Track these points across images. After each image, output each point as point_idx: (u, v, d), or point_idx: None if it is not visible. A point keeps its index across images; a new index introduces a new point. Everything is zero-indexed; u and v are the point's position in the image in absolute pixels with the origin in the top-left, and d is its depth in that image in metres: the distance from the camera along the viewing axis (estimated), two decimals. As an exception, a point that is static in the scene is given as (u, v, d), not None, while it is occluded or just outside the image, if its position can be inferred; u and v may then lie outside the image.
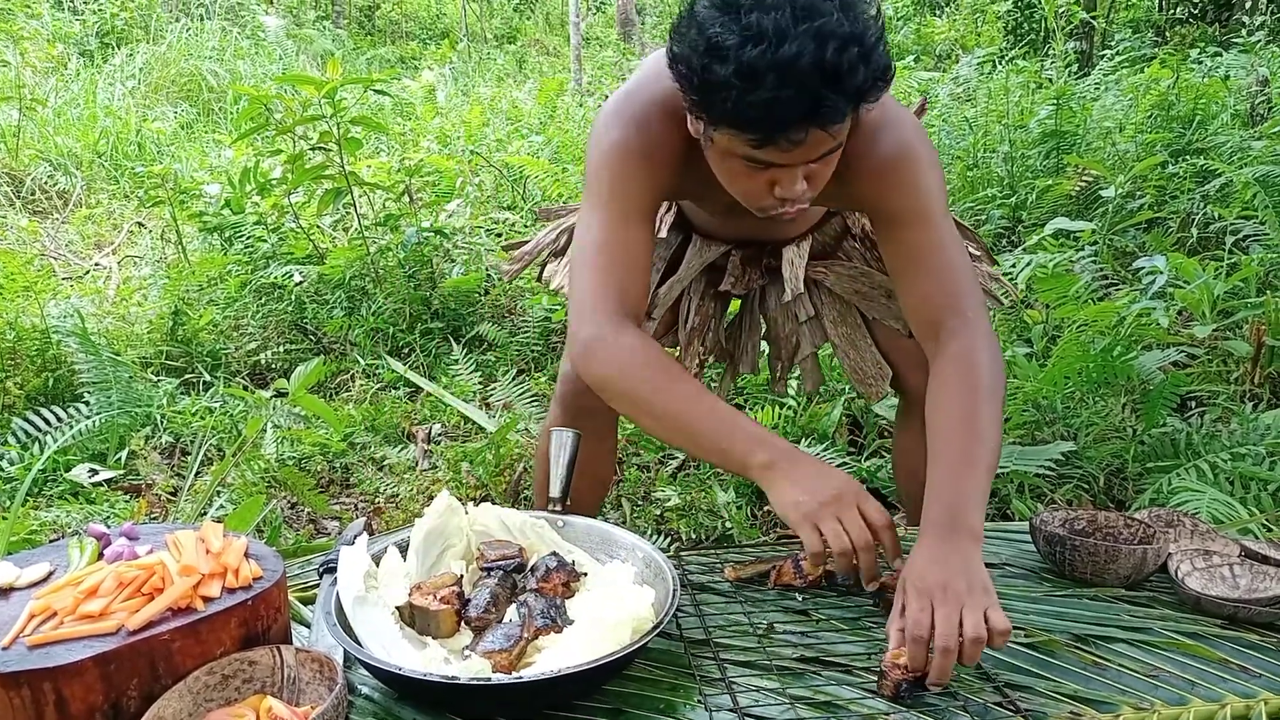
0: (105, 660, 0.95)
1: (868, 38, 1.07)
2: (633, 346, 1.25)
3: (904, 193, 1.32)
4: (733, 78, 1.06)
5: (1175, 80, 4.55)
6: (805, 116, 1.07)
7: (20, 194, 5.32)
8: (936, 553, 1.12)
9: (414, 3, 17.40)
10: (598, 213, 1.33)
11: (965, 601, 1.07)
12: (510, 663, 1.06)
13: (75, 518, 2.14)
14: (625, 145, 1.32)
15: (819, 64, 1.04)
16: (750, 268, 1.68)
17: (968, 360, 1.26)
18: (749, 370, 1.81)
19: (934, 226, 1.33)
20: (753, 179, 1.20)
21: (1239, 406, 2.36)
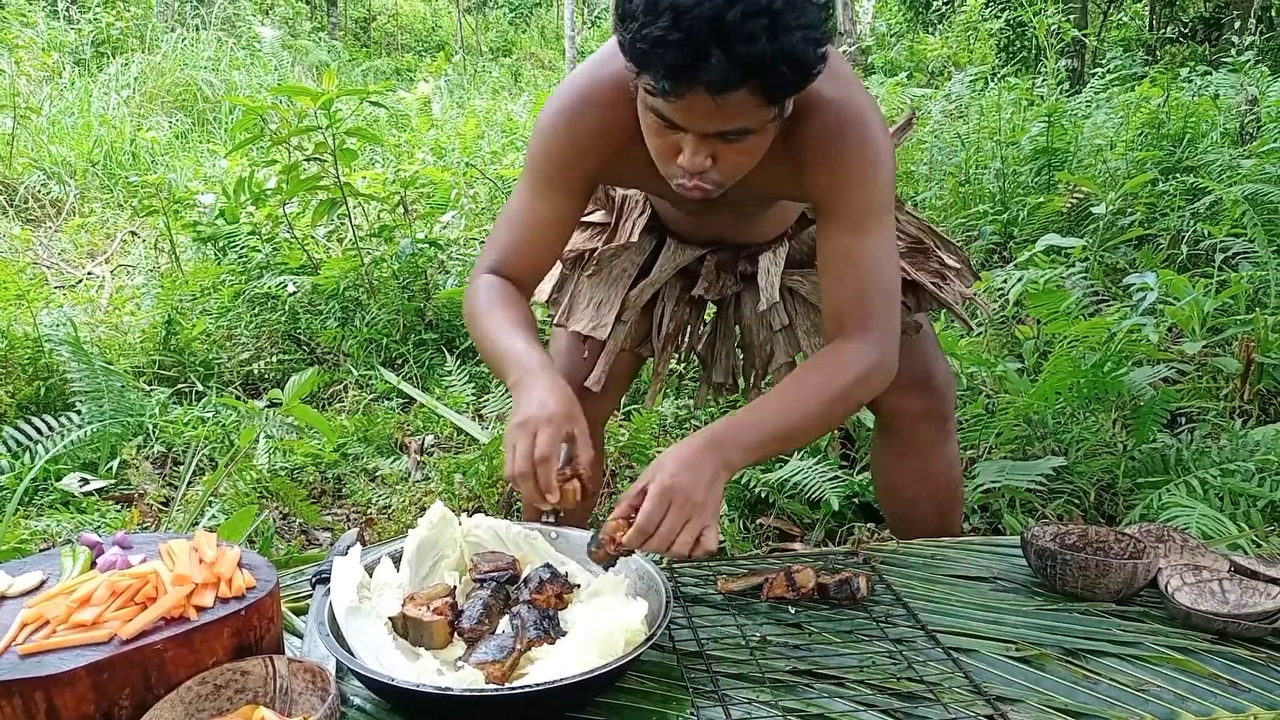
0: (98, 669, 0.95)
1: (787, 18, 1.05)
2: (481, 288, 1.38)
3: (852, 193, 1.31)
4: (639, 9, 1.07)
5: (1165, 99, 4.60)
6: (688, 67, 1.06)
7: (13, 202, 5.31)
8: (694, 459, 1.18)
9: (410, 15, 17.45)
10: (524, 177, 1.42)
11: (693, 515, 1.15)
12: (503, 674, 1.06)
13: (66, 527, 2.14)
14: (558, 121, 1.36)
15: (715, 18, 1.03)
16: (724, 273, 1.67)
17: (846, 365, 1.30)
18: (723, 379, 1.80)
19: (871, 236, 1.32)
20: (661, 137, 1.20)
21: (1228, 423, 2.38)
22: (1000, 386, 2.60)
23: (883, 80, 7.13)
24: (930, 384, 1.66)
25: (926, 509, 1.74)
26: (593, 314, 1.65)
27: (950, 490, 1.74)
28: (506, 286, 1.38)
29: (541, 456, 1.18)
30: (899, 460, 1.73)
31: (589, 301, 1.66)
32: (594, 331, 1.64)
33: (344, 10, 15.89)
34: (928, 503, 1.73)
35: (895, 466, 1.75)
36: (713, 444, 1.21)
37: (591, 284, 1.67)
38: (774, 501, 2.28)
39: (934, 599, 1.34)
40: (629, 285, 1.66)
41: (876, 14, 14.81)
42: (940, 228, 4.08)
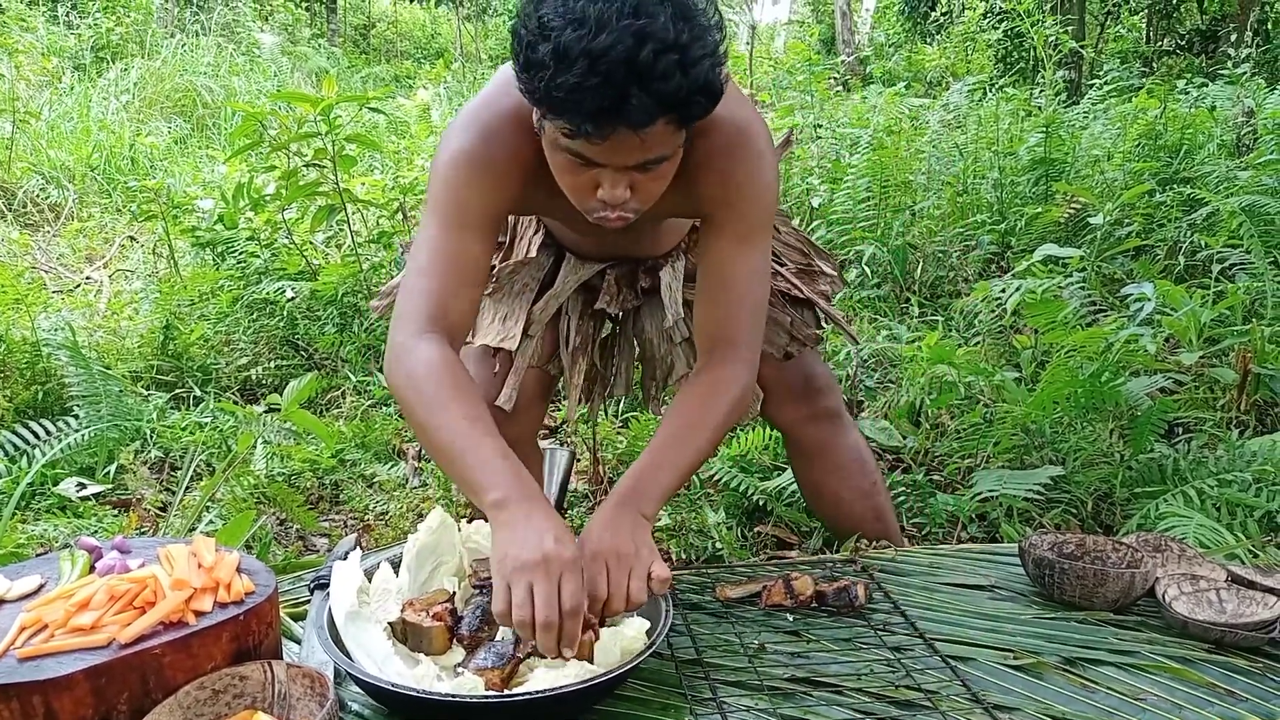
0: (96, 674, 0.95)
1: (693, 49, 1.07)
2: (428, 359, 1.24)
3: (739, 208, 1.35)
4: (548, 57, 1.07)
5: (1163, 110, 4.61)
6: (608, 110, 1.07)
7: (12, 207, 5.31)
8: (611, 521, 1.21)
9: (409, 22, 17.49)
10: (433, 220, 1.33)
11: (632, 565, 1.16)
12: (502, 680, 1.06)
13: (63, 532, 2.13)
14: (466, 154, 1.32)
15: (630, 60, 1.04)
16: (625, 287, 1.69)
17: (722, 386, 1.34)
18: (622, 392, 1.81)
19: (750, 249, 1.36)
20: (577, 175, 1.21)
21: (1225, 433, 2.38)
22: (998, 396, 2.60)
23: (881, 90, 7.15)
24: (812, 388, 1.74)
25: (853, 500, 1.79)
26: (499, 327, 1.64)
27: (868, 475, 1.79)
28: (454, 361, 1.26)
29: (572, 609, 1.07)
30: (809, 464, 1.82)
31: (494, 316, 1.66)
32: (504, 343, 1.63)
33: (343, 17, 15.92)
34: (852, 494, 1.79)
35: (808, 471, 1.83)
36: (622, 503, 1.23)
37: (494, 300, 1.67)
38: (771, 509, 2.28)
39: (932, 607, 1.35)
40: (532, 299, 1.67)
41: (875, 24, 14.87)
42: (937, 237, 4.08)
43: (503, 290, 1.67)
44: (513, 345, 1.63)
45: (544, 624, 1.05)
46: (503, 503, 1.13)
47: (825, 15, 15.44)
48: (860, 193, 4.21)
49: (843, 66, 10.53)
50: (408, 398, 1.24)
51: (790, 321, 1.69)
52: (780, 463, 2.48)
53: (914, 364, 2.78)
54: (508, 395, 1.65)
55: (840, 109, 6.49)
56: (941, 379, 2.66)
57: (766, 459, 2.50)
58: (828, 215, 4.24)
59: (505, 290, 1.67)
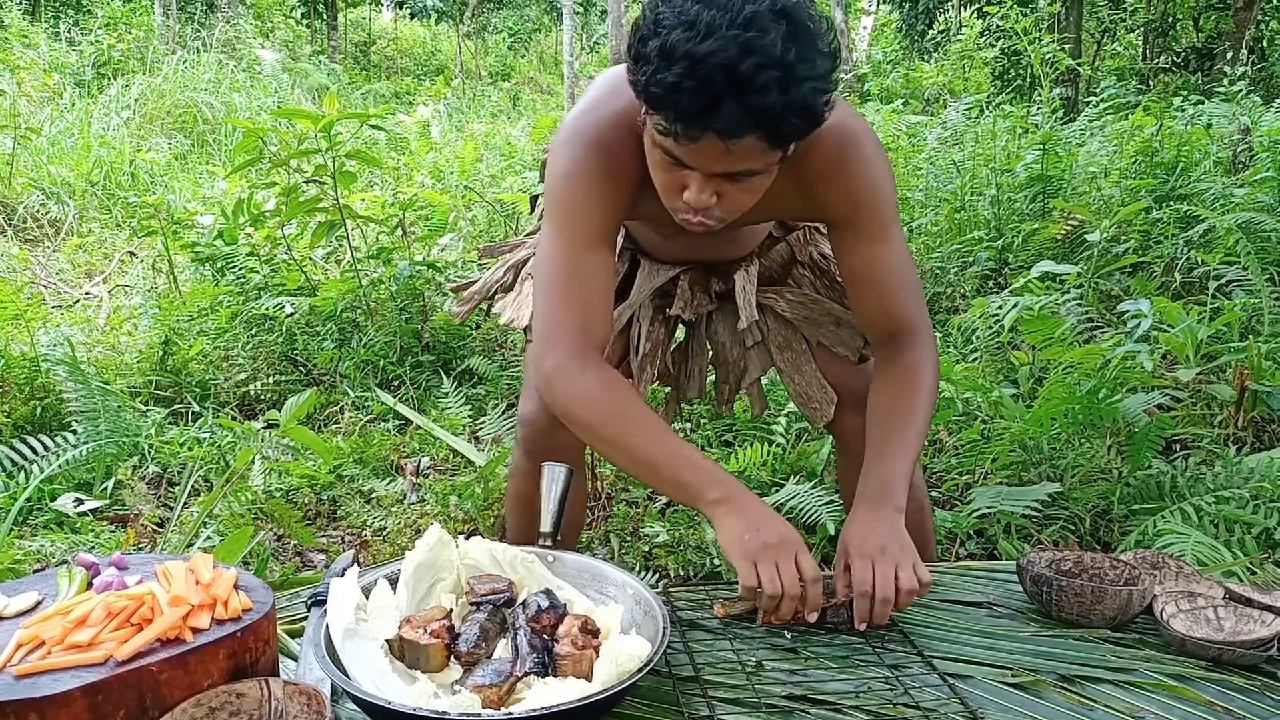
0: (93, 691, 0.94)
1: (798, 70, 1.08)
2: (598, 378, 1.31)
3: (869, 209, 1.39)
4: (655, 53, 1.09)
5: (1159, 127, 4.64)
6: (701, 113, 1.09)
7: (12, 222, 5.33)
8: (870, 520, 1.30)
9: (409, 39, 17.59)
10: (559, 239, 1.35)
11: (899, 560, 1.26)
12: (499, 698, 1.06)
13: (60, 548, 2.13)
14: (583, 167, 1.33)
15: (730, 68, 1.06)
16: (698, 292, 1.70)
17: (915, 370, 1.41)
18: (696, 395, 1.81)
19: (888, 242, 1.42)
20: (668, 173, 1.23)
21: (1223, 450, 2.38)
22: (995, 412, 2.60)
23: (878, 107, 7.19)
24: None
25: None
26: None
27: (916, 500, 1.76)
28: (624, 382, 1.34)
29: (814, 577, 1.23)
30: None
31: None
32: None
33: (344, 34, 16.00)
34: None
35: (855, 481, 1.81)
36: (876, 502, 1.32)
37: None
38: (770, 526, 2.28)
39: (930, 624, 1.35)
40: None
41: (872, 41, 14.95)
42: (934, 254, 4.09)
43: None
44: None
45: (793, 594, 1.21)
46: (725, 498, 1.25)
47: (823, 33, 15.49)
48: (858, 209, 4.21)
49: (840, 83, 10.59)
50: (589, 418, 1.31)
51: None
52: (779, 479, 2.48)
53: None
54: None
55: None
56: (939, 395, 2.66)
57: (765, 475, 2.50)
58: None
59: None
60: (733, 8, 1.08)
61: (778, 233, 1.71)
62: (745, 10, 1.08)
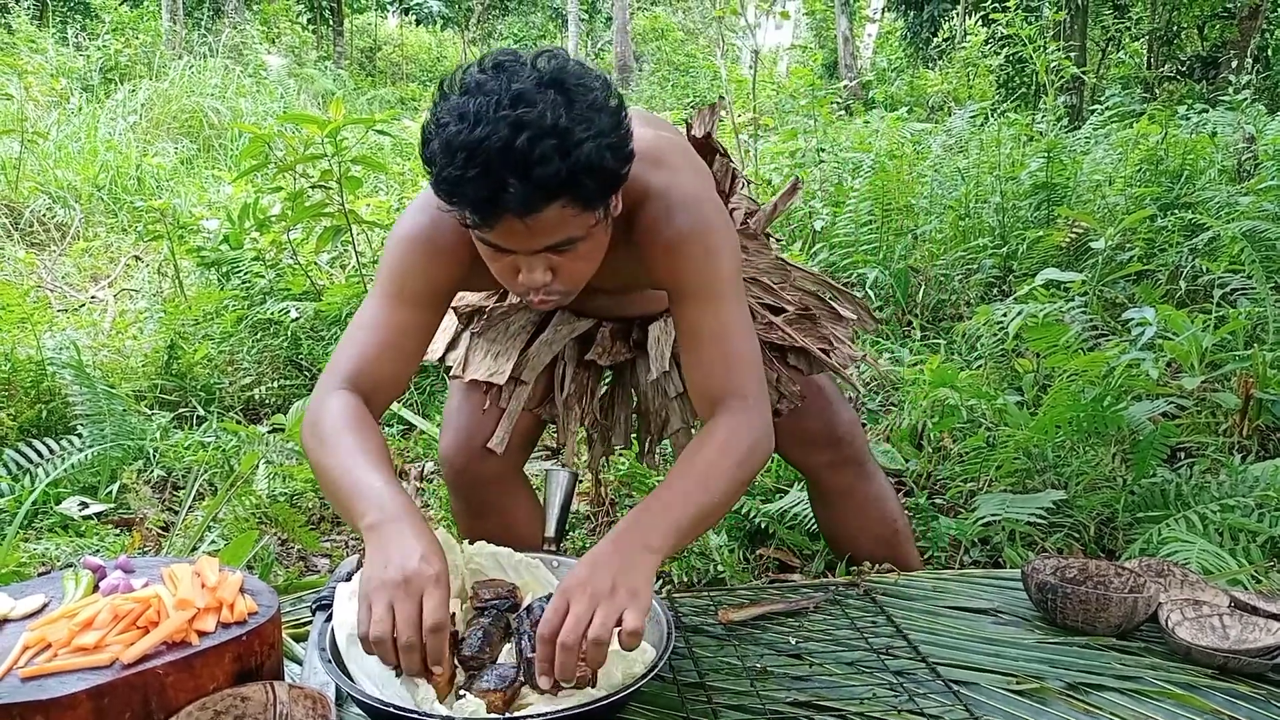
0: (99, 693, 0.95)
1: (576, 133, 1.08)
2: (333, 407, 1.26)
3: (692, 272, 1.31)
4: (437, 153, 1.11)
5: (1164, 136, 4.64)
6: (489, 200, 1.09)
7: (19, 226, 5.34)
8: (597, 556, 1.11)
9: (414, 45, 17.64)
10: (373, 292, 1.37)
11: (601, 603, 1.05)
12: (504, 703, 1.06)
13: (65, 551, 2.13)
14: (412, 233, 1.35)
15: (506, 150, 1.06)
16: (618, 341, 1.69)
17: (736, 434, 1.24)
18: (621, 443, 1.81)
19: (721, 309, 1.31)
20: (498, 261, 1.22)
21: (1228, 458, 2.38)
22: (1000, 419, 2.60)
23: (883, 115, 7.20)
24: (834, 435, 1.72)
25: (871, 548, 1.78)
26: (490, 363, 1.66)
27: (887, 525, 1.79)
28: (360, 409, 1.27)
29: (435, 624, 1.02)
30: (828, 509, 1.83)
31: (485, 353, 1.68)
32: (492, 377, 1.64)
33: (350, 40, 16.06)
34: (870, 543, 1.79)
35: (827, 515, 1.84)
36: (620, 536, 1.14)
37: (487, 339, 1.69)
38: (773, 532, 2.28)
39: (935, 631, 1.35)
40: (525, 342, 1.68)
41: (877, 49, 14.97)
42: (939, 261, 4.09)
43: (496, 329, 1.68)
44: (501, 380, 1.64)
45: (405, 645, 1.01)
46: (375, 525, 1.10)
47: (828, 40, 15.55)
48: (863, 216, 4.23)
49: (845, 91, 10.60)
50: (308, 444, 1.25)
51: (776, 379, 1.64)
52: (782, 485, 2.48)
53: (916, 387, 2.79)
54: (500, 439, 1.66)
55: (843, 133, 6.54)
56: (944, 402, 2.66)
57: (769, 481, 2.50)
58: (830, 239, 4.25)
59: (499, 329, 1.68)
60: (499, 90, 1.08)
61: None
62: (512, 89, 1.08)
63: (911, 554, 1.83)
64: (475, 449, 1.67)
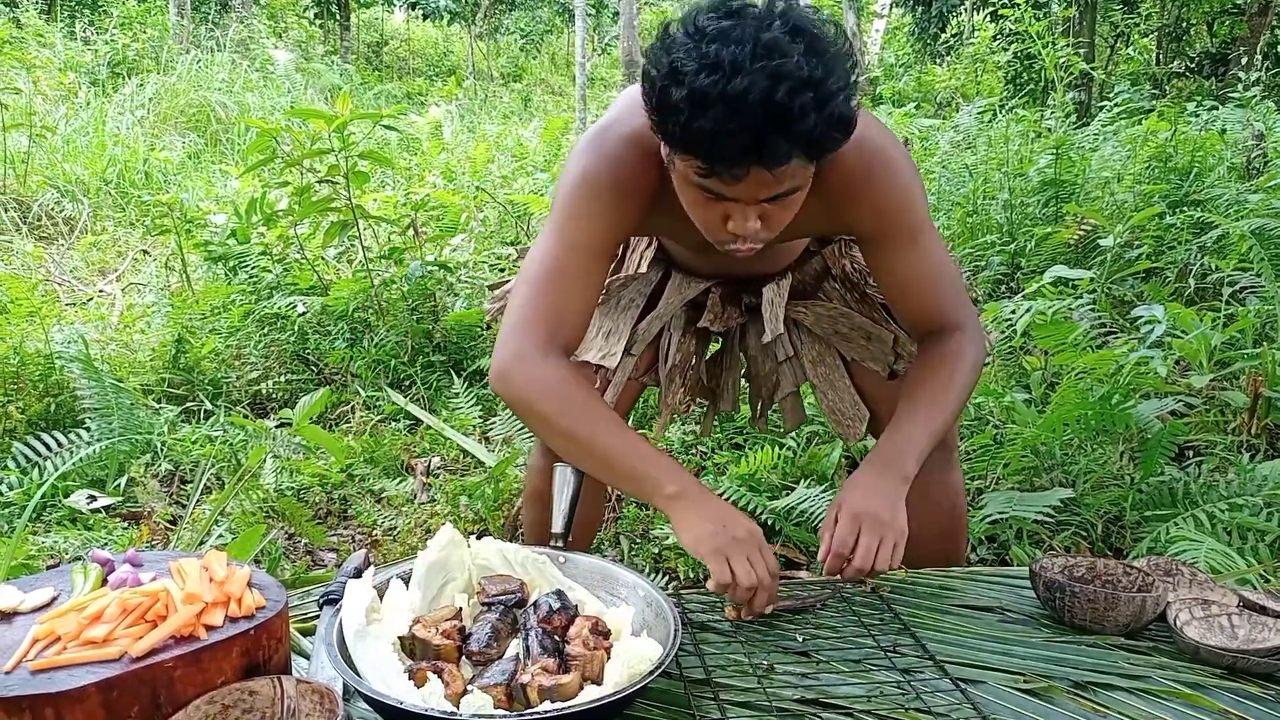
0: (108, 687, 0.95)
1: (828, 84, 1.07)
2: (559, 371, 1.30)
3: (894, 213, 1.36)
4: (684, 102, 1.08)
5: (1173, 133, 4.62)
6: (746, 152, 1.08)
7: (27, 219, 5.36)
8: (872, 484, 1.29)
9: (421, 40, 17.63)
10: (552, 238, 1.36)
11: (884, 534, 1.26)
12: (510, 698, 1.06)
13: (73, 544, 2.14)
14: (591, 177, 1.34)
15: (767, 102, 1.05)
16: (730, 305, 1.68)
17: (953, 357, 1.38)
18: (729, 408, 1.81)
19: (921, 247, 1.39)
20: (708, 209, 1.22)
21: (1236, 457, 2.37)
22: (1008, 417, 2.60)
23: (890, 111, 7.18)
24: None
25: (930, 536, 1.73)
26: (601, 343, 1.65)
27: (954, 518, 1.75)
28: (579, 374, 1.32)
29: (773, 571, 1.25)
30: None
31: (597, 331, 1.67)
32: (604, 360, 1.64)
33: (357, 35, 16.05)
34: (931, 530, 1.73)
35: None
36: (886, 466, 1.31)
37: (600, 313, 1.67)
38: (781, 529, 2.28)
39: (942, 629, 1.34)
40: (637, 316, 1.67)
41: (885, 45, 14.92)
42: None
43: (610, 304, 1.67)
44: (613, 363, 1.64)
45: (767, 585, 1.24)
46: (681, 493, 1.25)
47: (835, 36, 15.46)
48: (870, 213, 4.21)
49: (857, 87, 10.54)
50: (546, 408, 1.29)
51: (895, 339, 1.64)
52: (789, 482, 2.48)
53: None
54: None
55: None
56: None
57: (775, 478, 2.50)
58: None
59: (612, 303, 1.67)
60: (749, 39, 1.06)
61: (814, 246, 1.68)
62: (763, 38, 1.06)
63: (963, 553, 1.80)
64: None
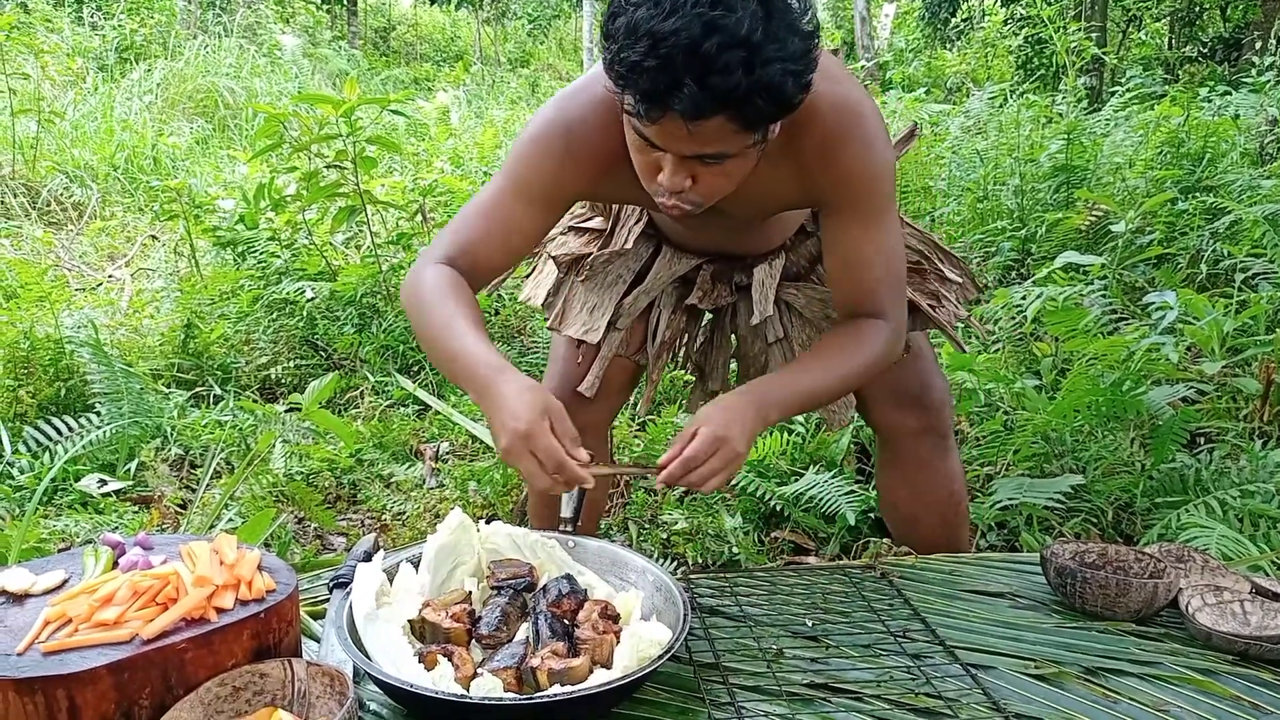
0: (119, 668, 0.95)
1: (765, 49, 1.04)
2: (433, 276, 1.32)
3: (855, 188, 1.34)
4: (620, 30, 1.07)
5: (1185, 118, 4.58)
6: (661, 93, 1.06)
7: (36, 205, 5.37)
8: (737, 414, 1.27)
9: (429, 25, 17.57)
10: (497, 180, 1.39)
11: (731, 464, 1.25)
12: (519, 680, 1.06)
13: (84, 527, 2.15)
14: (546, 132, 1.35)
15: (692, 47, 1.03)
16: (720, 283, 1.67)
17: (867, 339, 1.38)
18: (718, 387, 1.79)
19: (879, 228, 1.37)
20: (643, 154, 1.21)
21: (1248, 444, 2.36)
22: (1018, 404, 2.59)
23: (900, 96, 7.14)
24: (926, 401, 1.67)
25: (930, 524, 1.75)
26: (585, 318, 1.66)
27: (953, 505, 1.75)
28: (459, 279, 1.33)
29: (557, 468, 1.19)
30: (899, 476, 1.76)
31: (582, 306, 1.67)
32: (586, 335, 1.65)
33: (364, 20, 16.01)
34: (930, 518, 1.75)
35: (896, 482, 1.77)
36: (754, 401, 1.29)
37: (585, 289, 1.67)
38: (789, 515, 2.28)
39: (952, 614, 1.34)
40: (623, 291, 1.67)
41: (895, 30, 14.83)
42: (957, 243, 4.06)
43: (595, 279, 1.66)
44: (595, 339, 1.64)
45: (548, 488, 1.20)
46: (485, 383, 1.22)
47: (845, 20, 15.41)
48: (880, 198, 4.19)
49: (862, 72, 10.51)
50: (409, 310, 1.33)
51: None
52: (798, 468, 2.47)
53: (933, 370, 2.77)
54: (590, 382, 1.67)
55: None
56: (961, 386, 2.65)
57: (784, 464, 2.49)
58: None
59: (598, 279, 1.67)
60: None
61: (810, 227, 1.65)
62: None
63: (966, 539, 1.80)
64: (574, 395, 1.68)
